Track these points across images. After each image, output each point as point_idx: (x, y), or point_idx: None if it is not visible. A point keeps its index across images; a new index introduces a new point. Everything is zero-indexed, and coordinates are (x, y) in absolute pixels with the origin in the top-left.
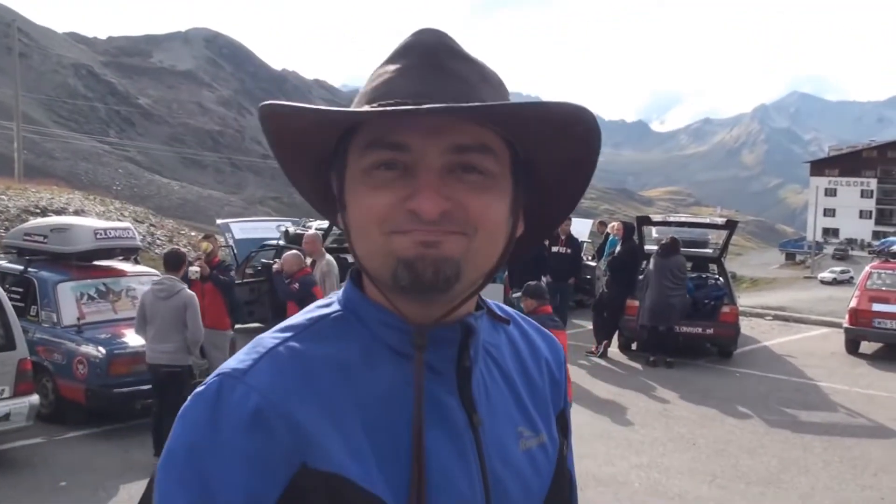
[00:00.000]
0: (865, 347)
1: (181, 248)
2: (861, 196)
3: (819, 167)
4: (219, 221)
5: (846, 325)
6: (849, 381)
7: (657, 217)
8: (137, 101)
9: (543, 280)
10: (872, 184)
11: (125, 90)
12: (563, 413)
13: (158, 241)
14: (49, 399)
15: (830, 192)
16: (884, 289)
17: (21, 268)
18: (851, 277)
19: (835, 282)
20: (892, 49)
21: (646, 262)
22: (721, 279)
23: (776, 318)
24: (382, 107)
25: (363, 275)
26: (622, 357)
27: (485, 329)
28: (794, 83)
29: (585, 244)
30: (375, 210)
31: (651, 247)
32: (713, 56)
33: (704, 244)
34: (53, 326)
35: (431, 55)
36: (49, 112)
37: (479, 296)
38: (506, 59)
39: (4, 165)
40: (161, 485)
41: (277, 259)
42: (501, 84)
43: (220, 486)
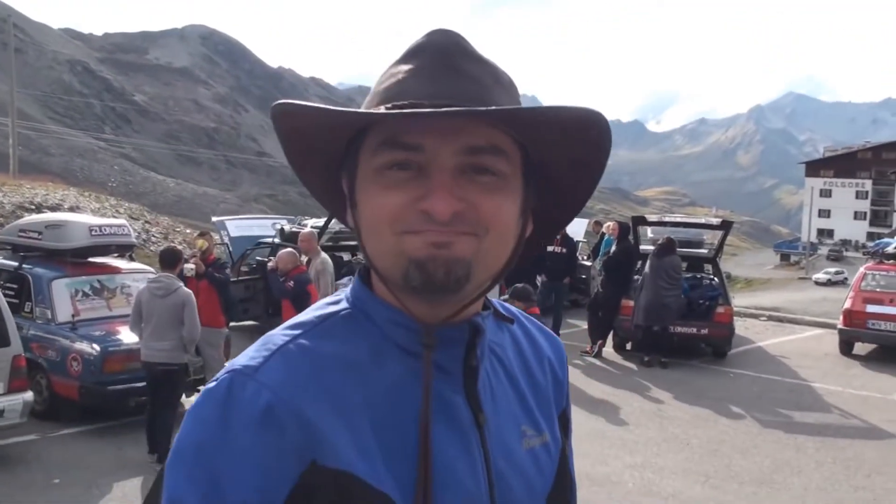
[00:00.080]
0: (859, 349)
1: (177, 246)
2: (856, 197)
3: (814, 168)
4: (214, 219)
5: (840, 327)
6: (842, 382)
7: (652, 217)
8: (133, 98)
9: (539, 279)
10: (867, 185)
11: (121, 87)
12: (565, 413)
13: (153, 239)
14: (43, 396)
15: (825, 193)
16: (878, 290)
17: (16, 264)
18: (846, 278)
19: (829, 283)
20: (888, 51)
21: (641, 263)
22: (716, 279)
23: (770, 319)
24: (397, 108)
25: (372, 273)
26: (617, 357)
27: (490, 328)
28: (790, 84)
29: (581, 244)
30: (387, 209)
31: (646, 247)
32: (709, 57)
33: (699, 244)
34: (48, 323)
35: (445, 56)
36: (44, 108)
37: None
38: (505, 60)
39: None
40: (170, 482)
41: (272, 257)
42: (512, 85)
43: (231, 484)
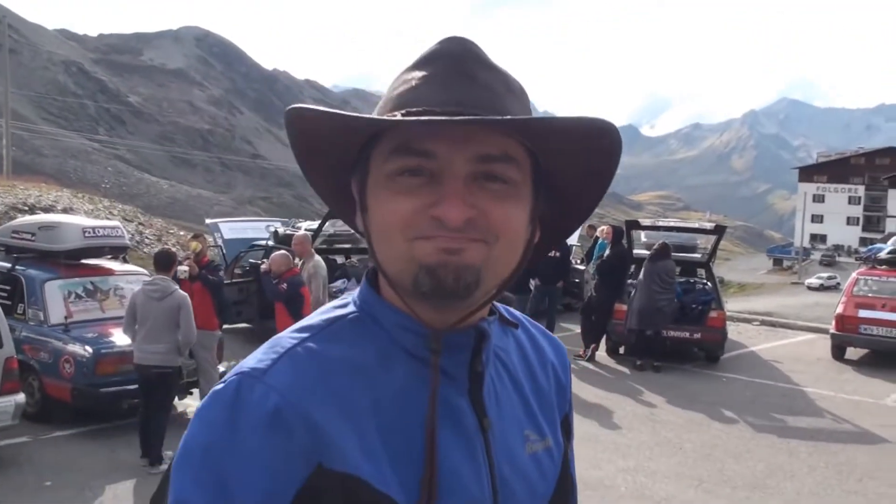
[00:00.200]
0: (851, 353)
1: (171, 248)
2: (849, 202)
3: (807, 173)
4: (208, 221)
5: (833, 331)
6: (835, 387)
7: (646, 221)
8: (127, 99)
9: (532, 283)
10: (860, 190)
11: (115, 88)
12: (567, 417)
13: (147, 240)
14: (35, 398)
15: (818, 199)
16: (870, 295)
17: (8, 266)
18: (838, 283)
19: (822, 288)
20: (882, 56)
21: (635, 267)
22: (709, 284)
23: (763, 324)
24: (411, 114)
25: (380, 276)
26: (610, 361)
27: (496, 333)
28: (784, 89)
29: (574, 247)
30: (399, 215)
31: (640, 251)
32: (704, 61)
33: (693, 249)
34: (40, 325)
35: (458, 63)
36: (38, 109)
37: None
38: (504, 60)
39: None
40: (177, 483)
41: (266, 259)
42: (524, 93)
43: (237, 486)
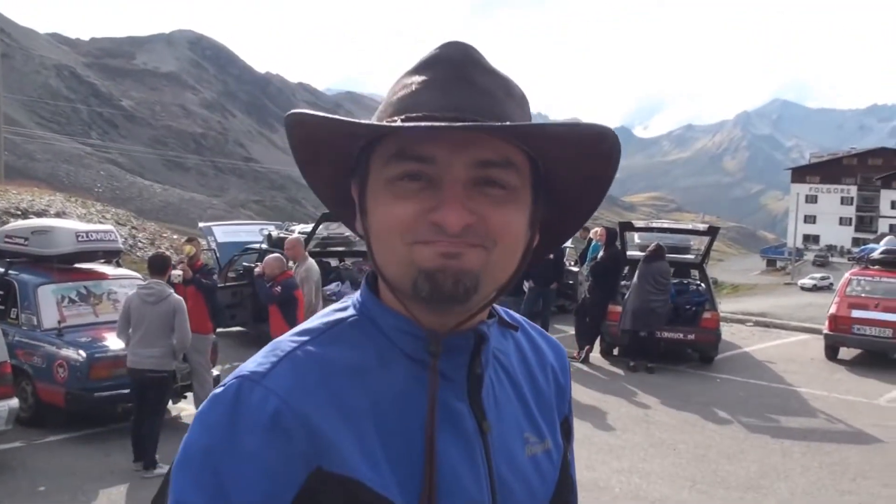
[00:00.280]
0: (844, 353)
1: (165, 252)
2: (841, 203)
3: (800, 174)
4: (201, 224)
5: (826, 332)
6: (828, 387)
7: (639, 223)
8: (120, 103)
9: (526, 285)
10: (852, 191)
11: (108, 92)
12: (567, 419)
13: (140, 244)
14: (28, 403)
15: (811, 199)
16: (863, 295)
17: (1, 270)
18: (831, 284)
19: (815, 288)
20: (874, 57)
21: (628, 268)
22: (702, 285)
23: (757, 324)
24: (411, 119)
25: (379, 280)
26: (604, 362)
27: (495, 336)
28: (777, 90)
29: (568, 249)
30: (399, 220)
31: (633, 253)
32: (697, 62)
33: (686, 250)
34: (34, 329)
35: (458, 68)
36: (31, 113)
37: None
38: (501, 60)
39: None
40: (176, 486)
41: (260, 263)
42: (524, 98)
43: (236, 488)
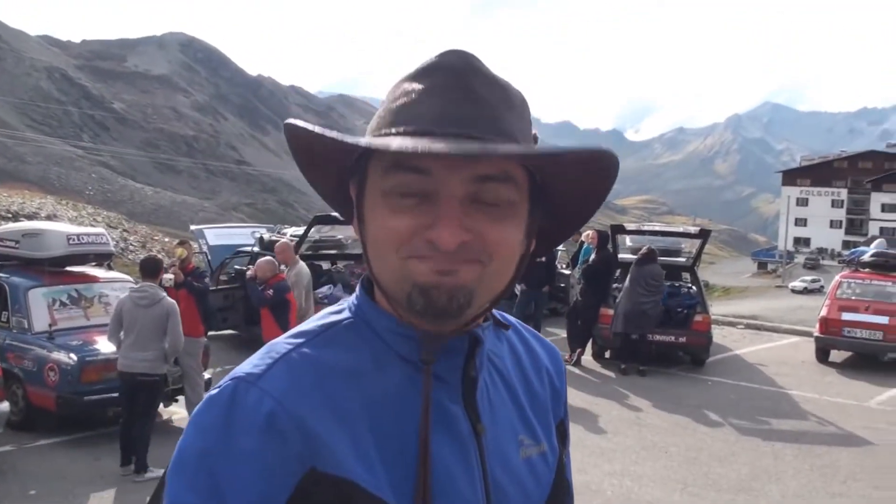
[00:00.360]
0: (835, 356)
1: (157, 255)
2: (832, 206)
3: (791, 177)
4: (193, 227)
5: (816, 334)
6: (819, 390)
7: (631, 226)
8: (112, 106)
9: (518, 288)
10: (843, 194)
11: (99, 94)
12: (563, 422)
13: (131, 247)
14: (19, 406)
15: (802, 202)
16: (853, 298)
17: None
18: (822, 287)
19: (805, 291)
20: (864, 61)
21: (620, 271)
22: (694, 288)
23: (748, 327)
24: (409, 133)
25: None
26: (595, 365)
27: (489, 338)
28: (768, 93)
29: (560, 252)
30: (394, 233)
31: (625, 255)
32: (688, 65)
33: (678, 253)
34: (24, 332)
35: (457, 77)
36: (22, 116)
37: None
38: (500, 60)
39: None
40: (171, 489)
41: (252, 266)
42: (524, 103)
43: (231, 490)
